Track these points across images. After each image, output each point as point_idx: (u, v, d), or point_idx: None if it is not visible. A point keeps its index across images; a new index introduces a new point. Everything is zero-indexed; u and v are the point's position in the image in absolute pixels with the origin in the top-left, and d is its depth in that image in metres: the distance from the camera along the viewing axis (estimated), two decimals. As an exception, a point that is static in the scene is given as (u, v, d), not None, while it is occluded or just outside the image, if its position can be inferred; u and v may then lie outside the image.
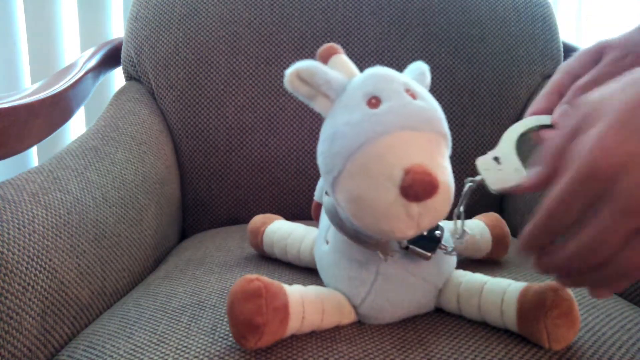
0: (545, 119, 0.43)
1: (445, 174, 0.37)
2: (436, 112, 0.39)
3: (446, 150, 0.39)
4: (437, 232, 0.42)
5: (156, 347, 0.40)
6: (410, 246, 0.41)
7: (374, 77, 0.39)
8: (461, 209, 0.42)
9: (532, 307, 0.39)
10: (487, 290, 0.42)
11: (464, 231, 0.43)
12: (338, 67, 0.42)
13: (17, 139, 0.57)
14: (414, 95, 0.38)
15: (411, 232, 0.37)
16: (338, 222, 0.42)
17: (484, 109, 0.83)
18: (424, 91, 0.40)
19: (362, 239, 0.41)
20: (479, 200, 0.81)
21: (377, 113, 0.37)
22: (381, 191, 0.35)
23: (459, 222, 0.43)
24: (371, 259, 0.41)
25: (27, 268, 0.45)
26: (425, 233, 0.42)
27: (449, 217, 0.42)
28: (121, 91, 0.80)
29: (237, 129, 0.81)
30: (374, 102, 0.38)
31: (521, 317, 0.39)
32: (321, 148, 0.40)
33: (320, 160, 0.40)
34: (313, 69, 0.39)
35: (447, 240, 0.44)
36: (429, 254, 0.41)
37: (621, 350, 0.40)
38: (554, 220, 0.30)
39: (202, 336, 0.41)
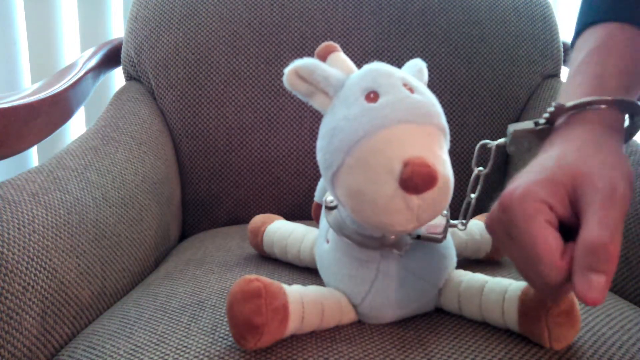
0: None
1: (444, 166, 0.37)
2: (434, 106, 0.39)
3: (445, 144, 0.39)
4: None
5: (156, 347, 0.40)
6: (422, 234, 0.41)
7: (372, 72, 0.39)
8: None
9: (533, 306, 0.39)
10: (489, 289, 0.42)
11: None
12: (336, 65, 0.42)
13: (17, 139, 0.57)
14: (411, 90, 0.38)
15: (411, 226, 0.36)
16: (343, 230, 0.42)
17: (484, 109, 0.83)
18: (421, 85, 0.40)
19: (367, 244, 0.41)
20: (479, 201, 0.81)
21: (376, 107, 0.37)
22: (380, 184, 0.35)
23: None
24: (372, 258, 0.41)
25: (27, 268, 0.45)
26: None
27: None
28: (121, 91, 0.80)
29: (237, 129, 0.81)
30: (372, 96, 0.38)
31: (522, 315, 0.39)
32: (320, 144, 0.40)
33: (320, 156, 0.40)
34: (312, 67, 0.39)
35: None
36: (440, 237, 0.41)
37: (621, 350, 0.40)
38: None
39: (202, 336, 0.41)
